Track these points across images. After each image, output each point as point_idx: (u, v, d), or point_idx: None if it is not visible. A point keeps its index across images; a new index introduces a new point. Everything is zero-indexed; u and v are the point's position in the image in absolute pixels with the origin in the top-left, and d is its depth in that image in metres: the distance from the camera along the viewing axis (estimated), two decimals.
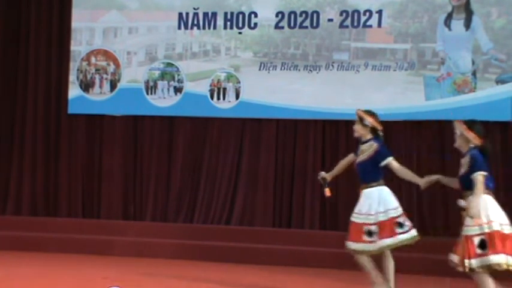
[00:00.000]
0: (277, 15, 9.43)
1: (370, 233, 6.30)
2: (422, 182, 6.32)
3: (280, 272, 8.14)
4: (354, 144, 9.12)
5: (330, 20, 9.29)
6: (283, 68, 9.41)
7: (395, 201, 6.41)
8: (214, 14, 9.62)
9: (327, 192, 6.81)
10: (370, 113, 6.62)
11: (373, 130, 6.53)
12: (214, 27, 9.61)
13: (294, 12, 9.38)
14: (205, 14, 9.63)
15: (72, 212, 9.77)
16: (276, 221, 9.35)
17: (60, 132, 9.90)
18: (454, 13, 8.91)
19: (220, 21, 9.59)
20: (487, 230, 5.55)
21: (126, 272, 7.81)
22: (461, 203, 5.69)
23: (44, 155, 9.91)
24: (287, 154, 9.44)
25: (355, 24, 9.23)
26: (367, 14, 9.16)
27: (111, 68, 9.82)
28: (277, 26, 9.45)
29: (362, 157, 6.57)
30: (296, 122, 9.41)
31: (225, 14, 9.58)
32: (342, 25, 9.26)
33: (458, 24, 8.89)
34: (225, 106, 9.52)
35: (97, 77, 9.83)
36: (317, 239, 8.96)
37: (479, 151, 5.78)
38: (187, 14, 9.66)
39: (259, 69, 9.47)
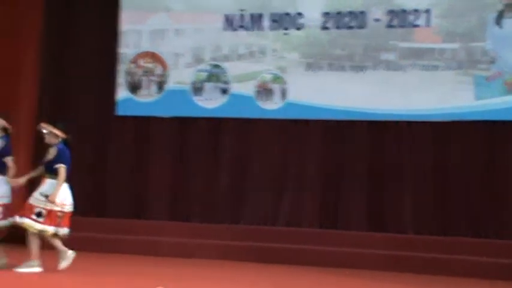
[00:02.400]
0: (323, 16, 9.32)
1: None
2: None
3: (328, 273, 8.05)
4: (401, 145, 9.08)
5: (377, 20, 9.15)
6: (329, 68, 9.31)
7: None
8: (260, 16, 9.55)
9: None
10: None
11: None
12: (261, 29, 9.55)
13: (341, 13, 9.28)
14: (252, 16, 9.58)
15: (120, 213, 9.77)
16: (322, 222, 9.25)
17: (110, 133, 9.94)
18: (505, 12, 8.68)
19: (266, 23, 9.53)
20: None
21: (175, 273, 7.78)
22: None
23: (94, 156, 9.95)
24: (334, 155, 9.35)
25: (403, 24, 9.08)
26: (415, 13, 9.00)
27: (159, 70, 9.83)
28: (323, 27, 9.35)
29: None
30: (342, 122, 9.31)
31: (271, 15, 9.52)
32: (389, 25, 9.12)
33: (510, 22, 8.66)
34: (271, 107, 9.46)
35: (144, 79, 9.85)
36: (364, 240, 8.85)
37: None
38: (233, 15, 9.62)
39: (306, 70, 9.39)
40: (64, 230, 7.05)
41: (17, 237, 7.29)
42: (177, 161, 9.78)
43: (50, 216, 6.88)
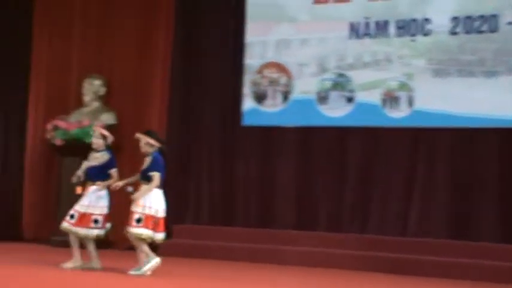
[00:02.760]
0: (452, 21, 9.06)
1: None
2: None
3: (457, 286, 7.76)
4: None
5: (510, 23, 8.78)
6: (458, 74, 9.03)
7: None
8: (386, 23, 9.41)
9: None
10: None
11: None
12: (386, 36, 9.40)
13: (470, 17, 8.97)
14: (377, 23, 9.45)
15: (247, 222, 9.85)
16: (452, 233, 8.95)
17: (235, 144, 10.03)
18: None
19: (392, 30, 9.37)
20: None
21: (300, 282, 7.75)
22: None
23: (220, 165, 10.09)
24: (462, 163, 9.03)
25: None
26: None
27: (283, 79, 9.87)
28: (452, 32, 9.08)
29: None
30: (473, 130, 8.99)
31: (397, 22, 9.34)
32: None
33: None
34: (398, 115, 9.29)
35: (270, 89, 9.91)
36: (496, 252, 8.48)
37: None
38: (358, 23, 9.53)
39: (433, 77, 9.15)
40: (160, 235, 7.20)
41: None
42: (302, 170, 9.75)
43: (147, 221, 7.06)
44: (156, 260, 7.15)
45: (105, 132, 7.53)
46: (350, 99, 9.52)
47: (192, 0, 10.28)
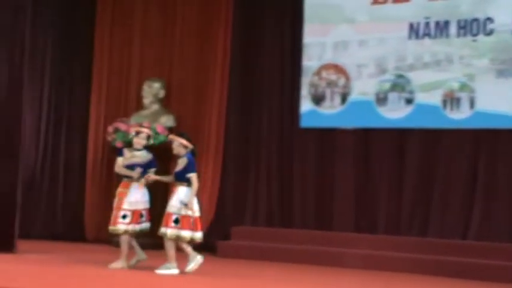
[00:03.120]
0: None
1: None
2: None
3: None
4: None
5: None
6: None
7: None
8: (446, 23, 9.24)
9: None
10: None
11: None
12: (447, 36, 9.23)
13: None
14: (437, 23, 9.28)
15: (305, 224, 9.80)
16: None
17: (293, 145, 10.00)
18: None
19: (453, 30, 9.20)
20: None
21: (359, 284, 7.71)
22: None
23: (278, 167, 10.07)
24: None
25: None
26: None
27: (342, 81, 9.79)
28: None
29: None
30: None
31: (458, 21, 9.16)
32: None
33: None
34: (459, 117, 9.12)
35: (328, 90, 9.84)
36: None
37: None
38: (418, 23, 9.38)
39: (496, 77, 8.94)
40: (198, 234, 7.34)
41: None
42: (361, 172, 9.66)
43: (184, 222, 7.20)
44: (197, 259, 7.31)
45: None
46: (409, 101, 9.38)
47: (250, 4, 10.30)
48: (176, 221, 7.21)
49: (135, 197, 7.59)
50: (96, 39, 10.94)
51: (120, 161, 7.76)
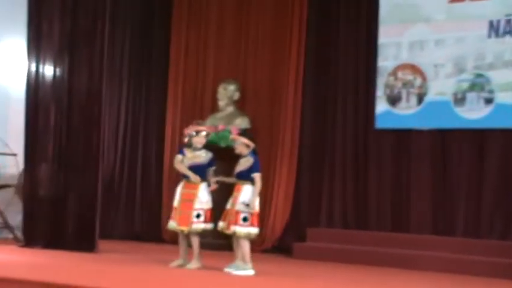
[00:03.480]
0: None
1: None
2: None
3: None
4: None
5: None
6: None
7: None
8: None
9: None
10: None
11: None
12: None
13: None
14: None
15: (380, 226, 9.70)
16: None
17: (368, 147, 9.91)
18: None
19: None
20: None
21: None
22: None
23: (353, 169, 9.98)
24: None
25: None
26: None
27: (418, 81, 9.62)
28: None
29: None
30: None
31: None
32: None
33: None
34: None
35: (404, 91, 9.68)
36: None
37: None
38: (498, 21, 9.10)
39: None
40: (256, 229, 7.39)
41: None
42: (438, 173, 9.45)
43: (253, 219, 7.29)
44: (251, 273, 7.30)
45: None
46: (489, 101, 9.13)
47: (324, 4, 10.25)
48: (245, 219, 7.27)
49: (204, 197, 7.64)
50: (172, 43, 11.05)
51: (179, 158, 7.80)
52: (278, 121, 10.17)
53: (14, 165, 10.27)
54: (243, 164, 7.42)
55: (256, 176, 7.34)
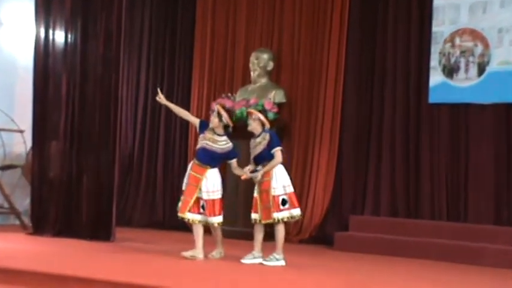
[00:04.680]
0: None
1: None
2: None
3: None
4: None
5: None
6: None
7: None
8: None
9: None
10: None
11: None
12: None
13: None
14: None
15: (435, 214, 9.42)
16: None
17: (421, 125, 9.61)
18: None
19: None
20: None
21: (499, 285, 7.27)
22: None
23: (403, 149, 9.70)
24: None
25: None
26: None
27: (479, 49, 9.25)
28: None
29: None
30: None
31: None
32: None
33: None
34: None
35: (462, 60, 9.37)
36: None
37: None
38: None
39: None
40: (298, 211, 7.42)
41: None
42: (501, 155, 9.12)
43: (293, 200, 7.28)
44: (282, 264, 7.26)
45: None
46: None
47: None
48: (284, 203, 7.22)
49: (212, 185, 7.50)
50: (198, 7, 10.90)
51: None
52: (318, 95, 9.96)
53: (21, 143, 10.27)
54: (260, 143, 7.34)
55: (277, 150, 7.26)
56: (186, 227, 10.04)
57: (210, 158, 7.50)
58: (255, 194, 7.37)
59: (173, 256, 7.58)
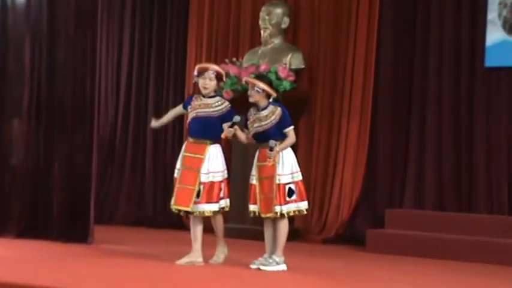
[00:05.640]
0: None
1: None
2: None
3: None
4: None
5: None
6: None
7: None
8: None
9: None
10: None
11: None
12: None
13: None
14: None
15: (494, 208, 8.95)
16: None
17: (475, 95, 9.08)
18: None
19: None
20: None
21: None
22: None
23: (453, 126, 9.14)
24: None
25: None
26: None
27: None
28: None
29: None
30: None
31: None
32: None
33: None
34: None
35: None
36: None
37: None
38: None
39: None
40: (305, 204, 7.11)
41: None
42: None
43: (301, 190, 7.00)
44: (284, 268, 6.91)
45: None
46: None
47: None
48: (291, 193, 6.90)
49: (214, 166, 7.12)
50: None
51: (175, 110, 7.53)
52: (344, 60, 9.50)
53: None
54: (267, 118, 6.94)
55: (290, 130, 6.94)
56: (182, 225, 9.76)
57: (207, 128, 7.01)
58: (253, 181, 6.99)
59: (165, 261, 7.23)
